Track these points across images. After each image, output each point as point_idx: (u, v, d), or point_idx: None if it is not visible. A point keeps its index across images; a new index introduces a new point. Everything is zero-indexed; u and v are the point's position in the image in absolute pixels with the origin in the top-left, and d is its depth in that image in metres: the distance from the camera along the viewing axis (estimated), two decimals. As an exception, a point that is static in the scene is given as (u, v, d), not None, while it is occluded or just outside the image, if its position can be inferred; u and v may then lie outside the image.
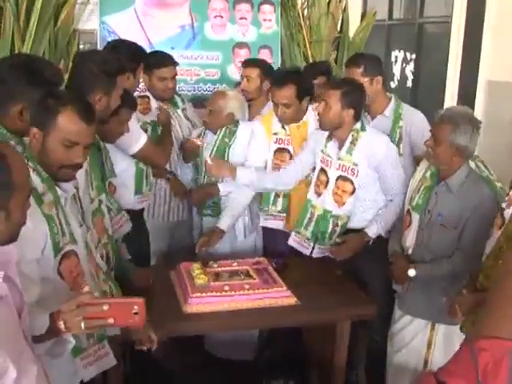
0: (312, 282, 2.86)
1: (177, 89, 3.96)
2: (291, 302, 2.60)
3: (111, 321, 1.55)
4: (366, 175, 2.89)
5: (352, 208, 2.93)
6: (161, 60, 3.41)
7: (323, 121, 2.89)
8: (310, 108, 3.24)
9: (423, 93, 4.81)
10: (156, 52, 3.63)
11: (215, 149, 3.27)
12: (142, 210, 3.22)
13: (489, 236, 2.29)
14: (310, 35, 4.77)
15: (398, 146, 3.05)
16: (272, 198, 3.30)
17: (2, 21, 4.11)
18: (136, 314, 1.57)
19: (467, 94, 4.20)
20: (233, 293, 2.57)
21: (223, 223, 3.13)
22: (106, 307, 1.54)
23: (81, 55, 2.91)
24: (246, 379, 3.17)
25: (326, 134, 2.98)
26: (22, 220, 1.42)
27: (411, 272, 2.57)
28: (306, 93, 3.17)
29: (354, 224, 2.97)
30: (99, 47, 4.22)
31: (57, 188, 1.85)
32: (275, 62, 4.56)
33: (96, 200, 2.30)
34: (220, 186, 3.24)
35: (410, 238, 2.66)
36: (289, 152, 3.25)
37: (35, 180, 1.75)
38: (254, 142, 3.24)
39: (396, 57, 5.08)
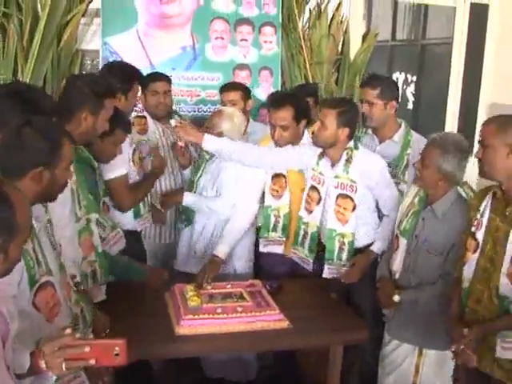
0: (306, 305, 2.85)
1: (177, 109, 4.01)
2: (283, 325, 2.59)
3: (92, 362, 1.56)
4: (362, 194, 2.93)
5: (356, 224, 2.94)
6: (154, 75, 3.55)
7: (318, 139, 2.92)
8: (305, 132, 3.24)
9: (424, 115, 4.82)
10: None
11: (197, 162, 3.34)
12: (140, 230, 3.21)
13: (465, 261, 2.29)
14: (311, 57, 4.76)
15: (403, 172, 3.08)
16: (272, 224, 3.26)
17: (6, 40, 4.15)
18: (117, 355, 1.58)
19: (468, 115, 4.20)
20: (225, 315, 2.57)
21: (220, 251, 3.08)
22: (87, 349, 1.55)
23: (73, 76, 3.11)
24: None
25: (318, 151, 3.00)
26: (18, 257, 1.44)
27: (395, 298, 2.57)
28: (303, 115, 3.17)
29: (356, 243, 2.98)
30: (101, 68, 4.26)
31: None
32: (276, 83, 4.58)
33: (83, 219, 2.32)
34: (185, 194, 3.26)
35: (397, 262, 2.66)
36: (284, 177, 3.24)
37: None
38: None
39: (397, 78, 5.08)
